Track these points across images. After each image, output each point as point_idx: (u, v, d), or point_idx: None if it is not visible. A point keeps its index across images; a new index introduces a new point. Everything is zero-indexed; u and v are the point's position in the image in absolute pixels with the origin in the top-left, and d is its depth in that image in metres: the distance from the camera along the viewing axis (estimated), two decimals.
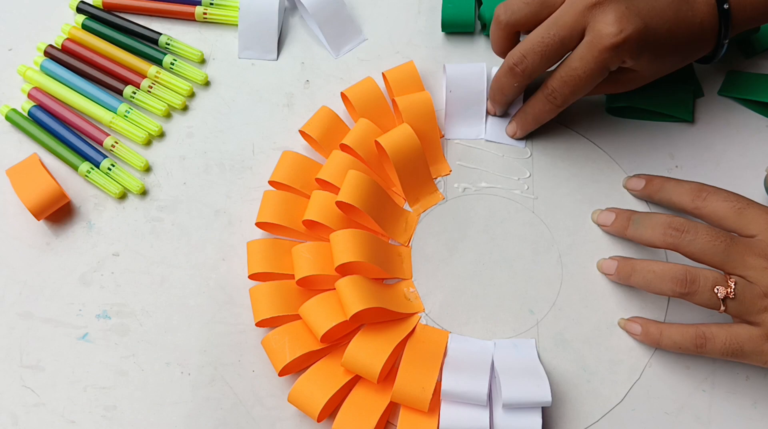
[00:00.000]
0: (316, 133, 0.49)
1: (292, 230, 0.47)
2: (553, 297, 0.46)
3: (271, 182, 0.48)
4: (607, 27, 0.42)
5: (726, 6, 0.44)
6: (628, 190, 0.48)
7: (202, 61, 0.54)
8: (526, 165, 0.50)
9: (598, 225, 0.47)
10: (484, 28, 0.53)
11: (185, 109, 0.53)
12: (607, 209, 0.47)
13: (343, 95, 0.50)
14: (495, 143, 0.50)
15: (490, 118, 0.51)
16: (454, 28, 0.53)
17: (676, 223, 0.42)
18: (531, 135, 0.50)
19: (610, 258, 0.46)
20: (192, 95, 0.53)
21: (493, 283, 0.47)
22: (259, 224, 0.47)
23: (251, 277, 0.46)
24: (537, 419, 0.41)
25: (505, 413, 0.41)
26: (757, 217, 0.41)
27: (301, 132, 0.50)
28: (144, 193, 0.51)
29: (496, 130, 0.50)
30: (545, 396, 0.41)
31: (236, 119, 0.53)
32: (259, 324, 0.45)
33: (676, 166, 0.49)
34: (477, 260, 0.47)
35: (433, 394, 0.42)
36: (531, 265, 0.47)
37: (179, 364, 0.46)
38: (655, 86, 0.49)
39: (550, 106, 0.46)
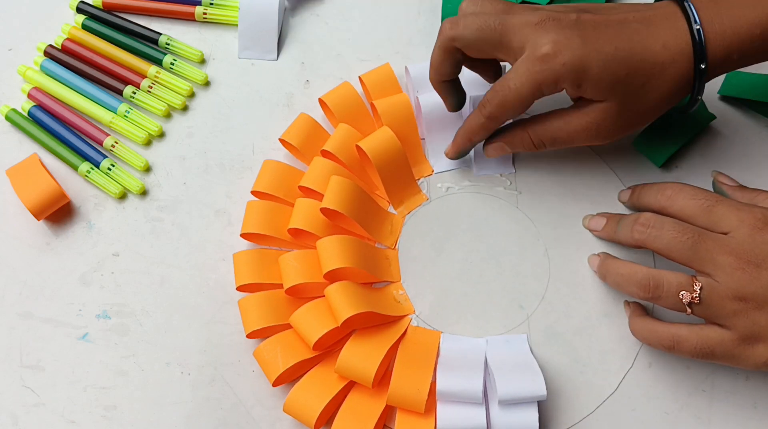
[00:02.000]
0: (296, 141, 0.49)
1: (277, 239, 0.47)
2: (541, 291, 0.46)
3: (253, 192, 0.48)
4: (542, 41, 0.40)
5: (697, 27, 0.41)
6: (622, 203, 0.48)
7: (202, 61, 0.54)
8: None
9: (590, 230, 0.47)
10: None
11: (185, 109, 0.53)
12: (598, 214, 0.47)
13: (321, 101, 0.50)
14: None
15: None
16: None
17: (643, 218, 0.41)
18: None
19: (596, 254, 0.46)
20: (192, 95, 0.53)
21: (481, 280, 0.47)
22: (244, 235, 0.47)
23: (239, 288, 0.46)
24: (533, 413, 0.41)
25: (501, 409, 0.42)
26: (728, 213, 0.39)
27: (281, 140, 0.50)
28: (144, 193, 0.51)
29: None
30: (540, 390, 0.41)
31: (236, 119, 0.53)
32: (249, 335, 0.45)
33: (676, 166, 0.49)
34: (464, 259, 0.47)
35: (428, 395, 0.42)
36: (518, 260, 0.47)
37: (179, 364, 0.46)
38: (669, 119, 0.49)
39: (480, 119, 0.45)
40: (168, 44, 0.54)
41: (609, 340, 0.45)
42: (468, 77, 0.48)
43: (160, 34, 0.54)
